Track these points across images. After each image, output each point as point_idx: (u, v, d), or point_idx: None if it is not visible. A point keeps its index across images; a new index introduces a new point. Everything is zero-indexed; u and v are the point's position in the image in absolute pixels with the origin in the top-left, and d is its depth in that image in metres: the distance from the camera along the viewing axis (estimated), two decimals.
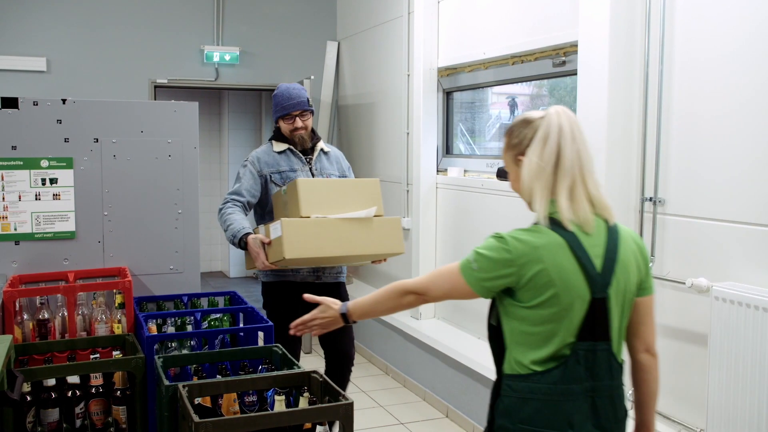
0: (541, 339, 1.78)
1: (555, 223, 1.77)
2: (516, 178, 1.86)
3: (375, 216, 3.07)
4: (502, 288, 1.79)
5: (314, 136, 3.53)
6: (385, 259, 3.21)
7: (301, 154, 3.44)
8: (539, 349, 1.78)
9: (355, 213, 3.02)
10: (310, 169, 3.45)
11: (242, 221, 3.16)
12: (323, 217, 2.96)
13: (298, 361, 2.95)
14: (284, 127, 3.44)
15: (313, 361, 5.11)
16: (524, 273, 1.75)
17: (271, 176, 3.37)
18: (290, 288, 3.32)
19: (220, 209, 3.25)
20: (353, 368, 3.63)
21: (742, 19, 2.70)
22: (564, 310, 1.75)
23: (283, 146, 3.44)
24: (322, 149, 3.52)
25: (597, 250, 1.78)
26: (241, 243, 3.10)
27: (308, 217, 2.95)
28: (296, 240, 2.87)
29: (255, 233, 3.10)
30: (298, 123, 3.40)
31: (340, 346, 3.53)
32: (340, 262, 3.23)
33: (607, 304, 1.78)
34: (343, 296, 3.50)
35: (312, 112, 3.48)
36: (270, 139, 3.53)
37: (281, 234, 2.88)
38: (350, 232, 2.98)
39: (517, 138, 1.84)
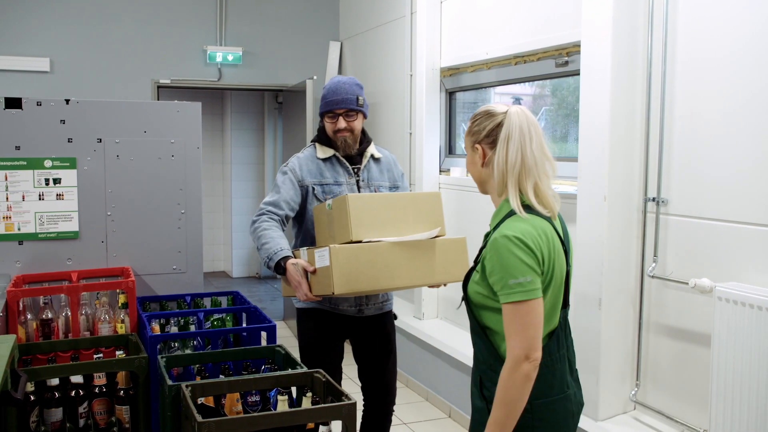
0: (546, 317, 1.91)
1: (531, 211, 1.94)
2: (471, 162, 2.06)
3: (437, 236, 2.64)
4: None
5: (364, 139, 3.06)
6: (445, 284, 2.72)
7: (347, 163, 2.99)
8: (543, 327, 1.91)
9: (415, 235, 2.58)
10: (357, 181, 2.99)
11: (280, 240, 2.73)
12: (377, 241, 2.51)
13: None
14: (327, 126, 2.99)
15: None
16: (546, 259, 1.89)
17: (313, 188, 2.94)
18: (330, 318, 2.96)
19: (254, 221, 2.85)
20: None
21: (744, 19, 2.70)
22: (558, 286, 1.95)
23: (328, 152, 2.99)
24: (372, 155, 3.06)
25: (561, 231, 2.01)
26: (279, 268, 2.67)
27: (360, 241, 2.50)
28: (348, 272, 2.43)
29: (295, 256, 2.68)
30: (341, 123, 2.94)
31: (382, 380, 3.11)
32: (395, 290, 2.78)
33: (570, 274, 2.02)
34: (389, 328, 3.12)
35: (363, 113, 3.02)
36: (313, 141, 3.07)
37: (329, 264, 2.43)
38: (410, 259, 2.54)
39: (477, 127, 2.01)
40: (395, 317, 3.23)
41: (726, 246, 2.79)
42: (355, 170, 3.01)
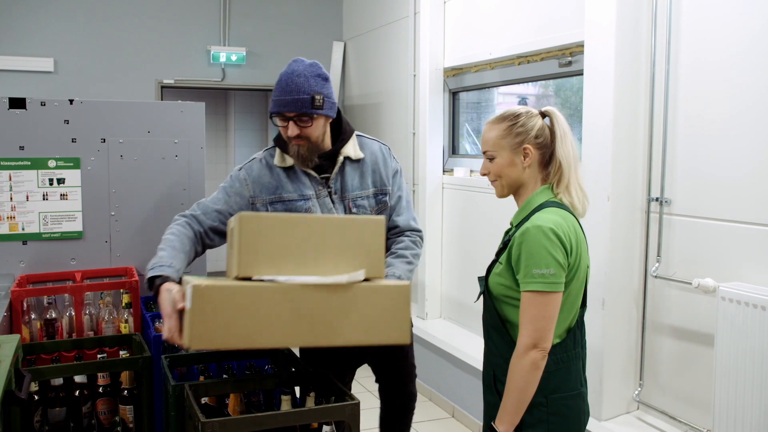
0: (566, 312, 1.95)
1: (560, 206, 1.97)
2: (510, 164, 2.00)
3: (365, 281, 1.92)
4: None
5: (338, 138, 2.44)
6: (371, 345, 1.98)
7: (313, 171, 2.40)
8: (562, 322, 1.95)
9: (328, 278, 1.87)
10: (330, 193, 2.41)
11: (173, 253, 2.22)
12: (271, 281, 1.83)
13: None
14: (281, 131, 2.37)
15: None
16: (573, 254, 1.92)
17: (269, 205, 2.39)
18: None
19: (174, 219, 2.43)
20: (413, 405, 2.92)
21: (748, 19, 2.69)
22: (580, 282, 1.98)
23: (288, 160, 2.41)
24: (347, 157, 2.42)
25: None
26: (151, 285, 2.10)
27: (249, 278, 1.85)
28: (213, 321, 1.77)
29: (182, 282, 1.98)
30: (292, 130, 2.30)
31: (399, 380, 2.79)
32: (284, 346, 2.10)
33: (588, 275, 2.04)
34: (409, 357, 2.77)
35: (324, 115, 2.34)
36: (274, 144, 2.47)
37: (190, 307, 1.79)
38: (314, 309, 1.85)
39: (522, 128, 1.98)
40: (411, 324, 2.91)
41: (730, 246, 2.78)
42: (325, 179, 2.41)
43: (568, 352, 1.98)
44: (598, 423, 3.16)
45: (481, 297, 2.11)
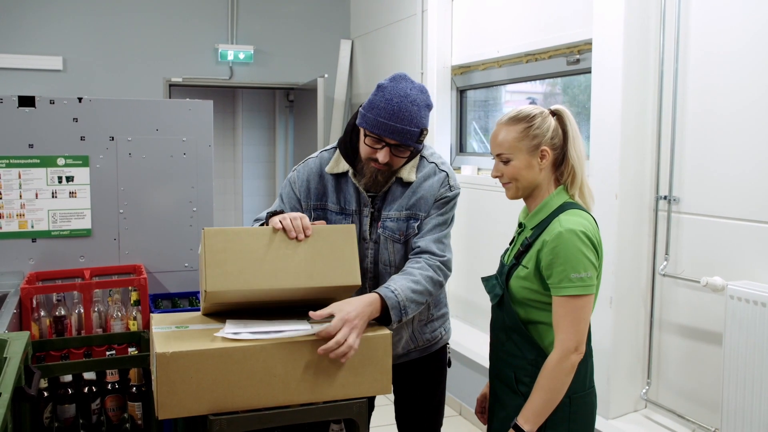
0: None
1: (580, 207, 1.98)
2: (527, 166, 1.96)
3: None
4: None
5: (401, 168, 2.23)
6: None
7: (361, 187, 2.24)
8: None
9: (291, 329, 1.86)
10: (372, 213, 2.25)
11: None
12: (239, 338, 1.80)
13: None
14: (363, 147, 2.17)
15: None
16: (600, 255, 1.94)
17: (312, 211, 2.28)
18: None
19: None
20: None
21: (758, 15, 2.68)
22: (599, 282, 1.97)
23: (343, 167, 2.26)
24: (400, 178, 2.23)
25: None
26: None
27: (217, 292, 1.85)
28: (179, 391, 1.73)
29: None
30: (383, 156, 2.12)
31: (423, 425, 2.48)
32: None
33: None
34: (437, 394, 2.50)
35: (417, 150, 2.21)
36: (338, 144, 2.31)
37: (155, 375, 1.75)
38: (290, 366, 1.82)
39: (538, 130, 1.95)
40: (449, 363, 2.51)
41: (738, 244, 2.77)
42: (371, 197, 2.25)
43: (587, 351, 1.99)
44: (606, 421, 3.16)
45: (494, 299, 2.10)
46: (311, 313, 1.86)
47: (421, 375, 2.44)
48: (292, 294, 1.94)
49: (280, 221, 1.95)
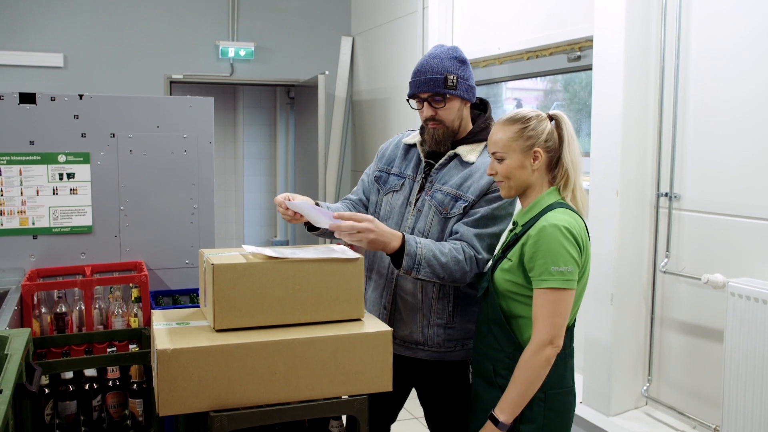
0: (571, 309, 1.99)
1: (569, 207, 2.01)
2: (519, 167, 2.02)
3: (346, 324, 1.95)
4: None
5: (470, 136, 2.32)
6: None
7: (422, 155, 2.38)
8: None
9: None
10: (422, 180, 2.35)
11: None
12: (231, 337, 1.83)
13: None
14: (419, 114, 2.35)
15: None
16: (584, 253, 1.96)
17: (377, 172, 2.49)
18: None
19: None
20: None
21: (759, 11, 2.68)
22: (584, 282, 2.02)
23: (415, 137, 2.43)
24: (459, 155, 2.30)
25: None
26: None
27: (224, 330, 1.87)
28: (180, 388, 1.75)
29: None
30: (427, 111, 2.27)
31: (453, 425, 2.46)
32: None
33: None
34: (454, 383, 2.43)
35: (460, 97, 2.27)
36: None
37: (155, 372, 1.78)
38: (291, 363, 1.84)
39: (533, 131, 2.00)
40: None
41: (739, 241, 2.77)
42: (427, 167, 2.36)
43: (566, 350, 2.02)
44: (607, 418, 3.16)
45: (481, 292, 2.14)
46: (336, 214, 2.06)
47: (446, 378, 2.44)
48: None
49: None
